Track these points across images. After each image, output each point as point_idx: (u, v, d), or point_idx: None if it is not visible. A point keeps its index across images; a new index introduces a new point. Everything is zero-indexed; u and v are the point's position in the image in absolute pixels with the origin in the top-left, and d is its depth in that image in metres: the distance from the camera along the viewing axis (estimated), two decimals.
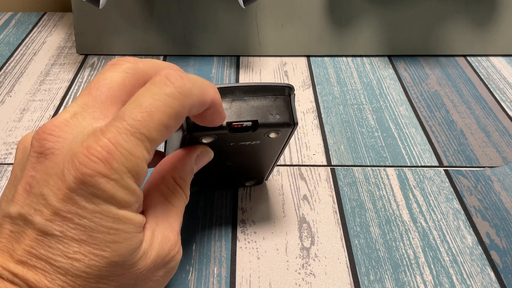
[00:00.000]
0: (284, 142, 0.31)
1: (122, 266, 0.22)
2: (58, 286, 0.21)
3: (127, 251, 0.22)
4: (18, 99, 0.48)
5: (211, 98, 0.24)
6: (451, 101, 0.49)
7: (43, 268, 0.21)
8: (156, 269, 0.24)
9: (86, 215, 0.21)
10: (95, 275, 0.21)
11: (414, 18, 0.55)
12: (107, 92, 0.24)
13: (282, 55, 0.56)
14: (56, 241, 0.21)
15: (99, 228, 0.21)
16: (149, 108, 0.22)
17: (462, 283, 0.31)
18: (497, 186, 0.38)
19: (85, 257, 0.21)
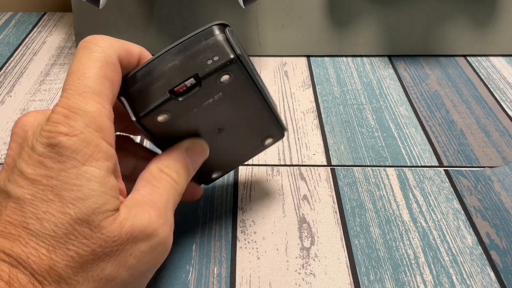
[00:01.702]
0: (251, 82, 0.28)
1: (88, 226, 0.22)
2: (32, 248, 0.22)
3: (90, 209, 0.22)
4: (18, 99, 0.48)
5: (138, 50, 0.27)
6: (451, 101, 0.49)
7: (18, 233, 0.22)
8: (135, 242, 0.24)
9: (52, 175, 0.22)
10: (63, 233, 0.22)
11: (414, 18, 0.55)
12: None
13: (282, 55, 0.56)
14: (28, 205, 0.22)
15: (64, 186, 0.22)
16: (81, 70, 0.24)
17: (462, 283, 0.31)
18: (497, 186, 0.38)
19: (52, 216, 0.22)
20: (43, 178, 0.22)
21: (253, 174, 0.39)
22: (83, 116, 0.23)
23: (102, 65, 0.25)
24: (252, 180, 0.38)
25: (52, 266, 0.22)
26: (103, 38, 0.26)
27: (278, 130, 0.33)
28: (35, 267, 0.21)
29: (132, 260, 0.24)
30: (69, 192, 0.22)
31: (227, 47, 0.26)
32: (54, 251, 0.22)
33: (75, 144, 0.23)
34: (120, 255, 0.23)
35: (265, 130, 0.32)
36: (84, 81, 0.24)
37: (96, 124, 0.23)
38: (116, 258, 0.23)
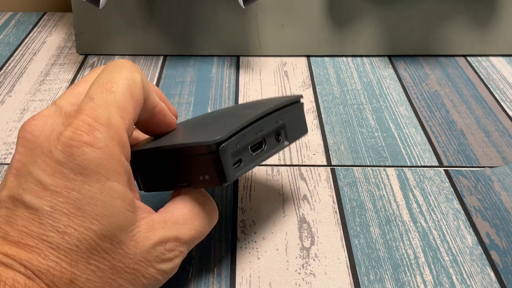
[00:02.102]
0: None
1: (111, 242, 0.22)
2: (52, 261, 0.21)
3: (114, 226, 0.22)
4: (18, 99, 0.48)
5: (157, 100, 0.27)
6: (451, 101, 0.49)
7: (36, 245, 0.21)
8: (150, 265, 0.24)
9: (74, 187, 0.22)
10: (86, 248, 0.22)
11: (414, 18, 0.55)
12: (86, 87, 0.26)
13: (282, 55, 0.56)
14: (47, 217, 0.22)
15: (87, 200, 0.22)
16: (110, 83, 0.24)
17: (462, 283, 0.31)
18: (497, 186, 0.38)
19: (75, 231, 0.22)
20: (63, 190, 0.22)
21: (253, 174, 0.39)
22: (109, 128, 0.23)
23: (130, 83, 0.25)
24: (252, 180, 0.38)
25: (74, 280, 0.21)
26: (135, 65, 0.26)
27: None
28: (56, 280, 0.21)
29: (144, 281, 0.24)
30: (92, 207, 0.22)
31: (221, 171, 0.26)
32: (76, 265, 0.22)
33: (100, 157, 0.22)
34: (135, 274, 0.23)
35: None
36: (111, 95, 0.24)
37: (119, 138, 0.23)
38: (132, 277, 0.23)
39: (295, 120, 0.31)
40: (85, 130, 0.22)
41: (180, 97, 0.49)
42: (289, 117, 0.31)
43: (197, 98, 0.49)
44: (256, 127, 0.28)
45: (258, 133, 0.28)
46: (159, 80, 0.52)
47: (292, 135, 0.31)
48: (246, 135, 0.27)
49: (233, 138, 0.26)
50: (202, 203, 0.27)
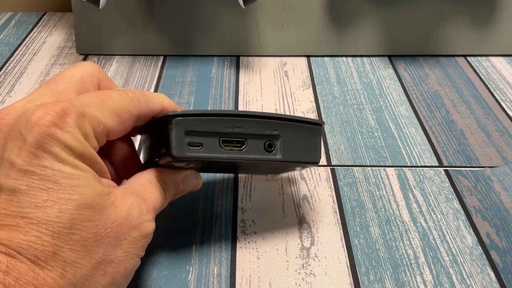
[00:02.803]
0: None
1: (92, 209, 0.23)
2: (33, 236, 0.22)
3: (93, 193, 0.23)
4: (18, 99, 0.48)
5: (160, 104, 0.29)
6: (451, 101, 0.49)
7: (15, 224, 0.22)
8: (129, 228, 0.25)
9: (47, 165, 0.22)
10: (67, 219, 0.22)
11: (414, 18, 0.55)
12: (64, 84, 0.27)
13: (282, 55, 0.56)
14: (25, 195, 0.22)
15: (62, 175, 0.22)
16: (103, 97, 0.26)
17: (462, 283, 0.31)
18: (497, 186, 0.38)
19: (55, 203, 0.22)
20: (36, 168, 0.22)
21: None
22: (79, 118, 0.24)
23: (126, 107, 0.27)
24: (252, 180, 0.38)
25: (57, 252, 0.22)
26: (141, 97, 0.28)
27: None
28: (39, 254, 0.21)
29: (127, 243, 0.24)
30: (68, 180, 0.23)
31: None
32: (59, 237, 0.22)
33: (69, 139, 0.23)
34: (117, 238, 0.24)
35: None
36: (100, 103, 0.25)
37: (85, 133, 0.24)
38: (114, 241, 0.24)
39: (302, 140, 0.31)
40: (57, 113, 0.23)
41: (180, 97, 0.49)
42: (290, 132, 0.30)
43: (197, 98, 0.49)
44: (232, 122, 0.28)
45: (234, 129, 0.29)
46: (159, 80, 0.52)
47: (290, 152, 0.30)
48: (214, 123, 0.28)
49: (192, 118, 0.28)
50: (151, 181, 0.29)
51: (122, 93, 0.27)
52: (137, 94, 0.27)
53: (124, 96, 0.27)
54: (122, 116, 0.26)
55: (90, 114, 0.25)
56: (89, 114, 0.25)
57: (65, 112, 0.23)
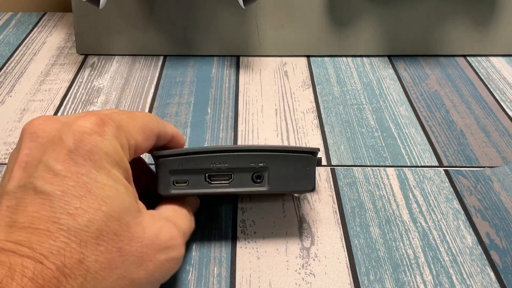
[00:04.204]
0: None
1: (119, 223, 0.23)
2: (62, 242, 0.22)
3: (122, 207, 0.24)
4: (18, 99, 0.49)
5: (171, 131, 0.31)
6: (451, 101, 0.49)
7: (46, 228, 0.22)
8: (156, 250, 0.25)
9: (83, 172, 0.23)
10: (95, 229, 0.23)
11: (414, 18, 0.55)
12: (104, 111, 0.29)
13: (282, 55, 0.56)
14: (58, 200, 0.22)
15: (95, 184, 0.23)
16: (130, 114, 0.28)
17: (462, 283, 0.31)
18: (497, 186, 0.38)
19: (85, 212, 0.22)
20: (73, 175, 0.23)
21: None
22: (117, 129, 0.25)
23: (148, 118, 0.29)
24: None
25: (82, 260, 0.22)
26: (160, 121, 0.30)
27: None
28: (65, 260, 0.22)
29: (151, 265, 0.25)
30: (100, 190, 0.23)
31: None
32: (86, 246, 0.22)
33: (107, 147, 0.24)
34: (142, 258, 0.24)
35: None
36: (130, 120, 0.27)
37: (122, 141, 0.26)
38: (138, 260, 0.24)
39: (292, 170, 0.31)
40: (97, 122, 0.24)
41: (180, 97, 0.49)
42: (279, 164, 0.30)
43: (197, 98, 0.49)
44: (216, 159, 0.30)
45: (218, 164, 0.30)
46: (159, 80, 0.52)
47: (279, 183, 0.30)
48: (197, 161, 0.29)
49: (175, 158, 0.29)
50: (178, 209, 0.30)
51: (144, 113, 0.29)
52: (155, 117, 0.30)
53: (147, 115, 0.29)
54: (146, 133, 0.28)
55: (124, 127, 0.26)
56: (123, 127, 0.26)
57: (104, 122, 0.25)
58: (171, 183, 0.29)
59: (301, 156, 0.31)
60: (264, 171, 0.30)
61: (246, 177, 0.30)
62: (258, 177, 0.30)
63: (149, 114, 0.29)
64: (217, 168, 0.30)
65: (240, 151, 0.30)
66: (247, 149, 0.30)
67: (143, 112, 0.29)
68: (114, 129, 0.25)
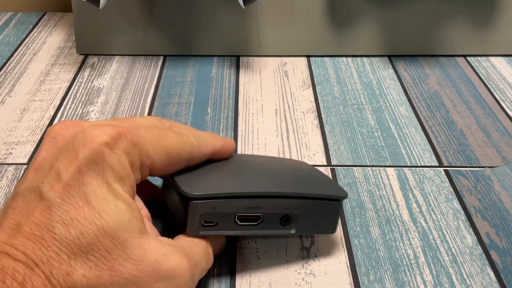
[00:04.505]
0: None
1: (112, 240, 0.22)
2: (53, 252, 0.22)
3: (118, 224, 0.23)
4: (18, 99, 0.49)
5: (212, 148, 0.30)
6: (451, 101, 0.49)
7: (41, 235, 0.22)
8: (154, 278, 0.23)
9: (86, 182, 0.23)
10: (87, 242, 0.22)
11: (414, 18, 0.55)
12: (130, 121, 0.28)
13: (282, 55, 0.56)
14: (57, 208, 0.22)
15: (95, 196, 0.23)
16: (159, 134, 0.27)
17: (462, 283, 0.31)
18: (497, 186, 0.38)
19: (79, 223, 0.22)
20: (76, 184, 0.23)
21: None
22: (132, 146, 0.25)
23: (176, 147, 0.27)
24: None
25: (69, 273, 0.22)
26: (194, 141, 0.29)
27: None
28: (54, 270, 0.21)
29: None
30: (97, 203, 0.23)
31: None
32: (75, 258, 0.22)
33: (114, 161, 0.24)
34: (136, 284, 0.23)
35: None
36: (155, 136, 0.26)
37: (133, 160, 0.25)
38: (131, 285, 0.23)
39: (320, 215, 0.31)
40: (112, 134, 0.24)
41: (180, 97, 0.49)
42: (309, 209, 0.30)
43: (197, 98, 0.49)
44: (251, 202, 0.28)
45: (251, 208, 0.29)
46: (159, 80, 0.52)
47: (306, 227, 0.30)
48: (232, 204, 0.28)
49: (210, 201, 0.27)
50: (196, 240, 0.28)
51: (178, 136, 0.27)
52: (191, 138, 0.28)
53: (179, 139, 0.27)
54: (172, 157, 0.27)
55: (142, 145, 0.25)
56: (141, 145, 0.25)
57: (120, 136, 0.24)
58: (200, 224, 0.28)
59: (331, 203, 0.31)
60: (294, 216, 0.30)
61: (275, 220, 0.30)
62: (286, 220, 0.30)
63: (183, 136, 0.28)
64: (250, 211, 0.29)
65: (276, 197, 0.29)
66: (283, 195, 0.29)
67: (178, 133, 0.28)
68: (128, 144, 0.24)
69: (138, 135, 0.25)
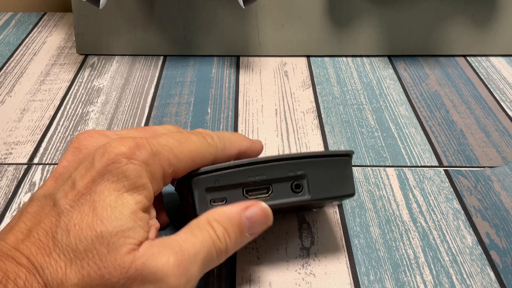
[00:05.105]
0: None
1: (107, 247, 0.22)
2: (53, 259, 0.22)
3: (117, 231, 0.23)
4: (18, 99, 0.49)
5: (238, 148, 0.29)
6: (451, 101, 0.49)
7: (46, 241, 0.22)
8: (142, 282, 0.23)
9: (97, 191, 0.23)
10: (83, 249, 0.22)
11: (414, 18, 0.55)
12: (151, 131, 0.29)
13: (282, 55, 0.56)
14: (65, 215, 0.23)
15: (102, 204, 0.23)
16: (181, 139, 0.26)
17: (462, 283, 0.31)
18: (497, 186, 0.38)
19: (80, 229, 0.22)
20: (87, 192, 0.23)
21: None
22: (151, 156, 0.24)
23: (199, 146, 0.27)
24: None
25: (64, 282, 0.22)
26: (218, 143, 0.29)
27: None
28: (50, 278, 0.22)
29: None
30: (102, 209, 0.23)
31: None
32: (70, 267, 0.22)
33: (129, 170, 0.24)
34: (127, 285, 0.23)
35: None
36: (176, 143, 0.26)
37: (153, 171, 0.25)
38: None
39: (331, 174, 0.29)
40: (130, 146, 0.24)
41: (180, 97, 0.49)
42: (317, 169, 0.29)
43: (197, 98, 0.49)
44: (252, 171, 0.28)
45: (256, 177, 0.28)
46: (159, 80, 0.52)
47: (320, 189, 0.29)
48: (234, 176, 0.28)
49: (210, 175, 0.27)
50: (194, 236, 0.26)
51: (201, 139, 0.27)
52: (215, 140, 0.28)
53: (203, 142, 0.27)
54: (196, 161, 0.27)
55: (163, 154, 0.25)
56: (162, 154, 0.25)
57: (138, 146, 0.24)
58: (208, 202, 0.27)
59: (338, 159, 0.30)
60: (303, 179, 0.29)
61: (286, 187, 0.29)
62: (297, 187, 0.29)
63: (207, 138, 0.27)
64: (255, 181, 0.28)
65: (276, 160, 0.28)
66: (283, 158, 0.28)
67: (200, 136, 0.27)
68: (147, 154, 0.24)
69: (159, 143, 0.25)
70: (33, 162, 0.40)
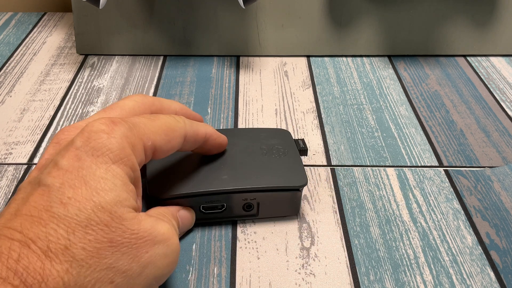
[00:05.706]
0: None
1: (110, 215, 0.24)
2: (51, 229, 0.22)
3: (115, 200, 0.24)
4: (18, 99, 0.49)
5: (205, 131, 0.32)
6: (451, 101, 0.49)
7: (39, 215, 0.23)
8: (153, 243, 0.25)
9: (84, 166, 0.24)
10: (85, 218, 0.23)
11: (414, 18, 0.55)
12: (119, 112, 0.30)
13: (282, 55, 0.56)
14: (56, 191, 0.23)
15: (93, 177, 0.24)
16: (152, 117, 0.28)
17: (462, 283, 0.31)
18: (497, 186, 0.38)
19: (76, 201, 0.23)
20: (74, 169, 0.24)
21: None
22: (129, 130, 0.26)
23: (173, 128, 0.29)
24: None
25: (68, 247, 0.22)
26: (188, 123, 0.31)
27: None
28: (51, 246, 0.22)
29: (146, 258, 0.25)
30: (95, 182, 0.24)
31: None
32: (73, 233, 0.23)
33: (112, 143, 0.25)
34: (137, 249, 0.24)
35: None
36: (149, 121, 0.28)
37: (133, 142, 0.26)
38: (132, 252, 0.24)
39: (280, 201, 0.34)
40: (107, 123, 0.25)
41: (180, 97, 0.49)
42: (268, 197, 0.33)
43: (197, 98, 0.49)
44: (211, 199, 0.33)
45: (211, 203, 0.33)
46: (159, 80, 0.52)
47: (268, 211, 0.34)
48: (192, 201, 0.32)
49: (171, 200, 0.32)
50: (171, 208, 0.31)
51: (169, 116, 0.29)
52: (183, 118, 0.30)
53: (171, 118, 0.29)
54: (169, 134, 0.28)
55: (140, 127, 0.27)
56: (139, 127, 0.27)
57: (115, 123, 0.26)
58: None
59: (289, 193, 0.34)
60: (254, 202, 0.34)
61: (238, 207, 0.34)
62: (248, 207, 0.34)
63: (175, 117, 0.30)
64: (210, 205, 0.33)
65: (233, 192, 0.32)
66: (239, 191, 0.32)
67: (169, 115, 0.30)
68: (125, 128, 0.26)
69: (132, 121, 0.27)
70: (33, 162, 0.40)
